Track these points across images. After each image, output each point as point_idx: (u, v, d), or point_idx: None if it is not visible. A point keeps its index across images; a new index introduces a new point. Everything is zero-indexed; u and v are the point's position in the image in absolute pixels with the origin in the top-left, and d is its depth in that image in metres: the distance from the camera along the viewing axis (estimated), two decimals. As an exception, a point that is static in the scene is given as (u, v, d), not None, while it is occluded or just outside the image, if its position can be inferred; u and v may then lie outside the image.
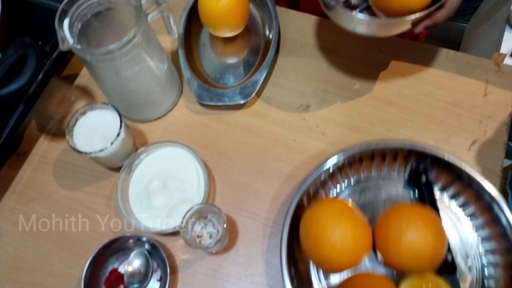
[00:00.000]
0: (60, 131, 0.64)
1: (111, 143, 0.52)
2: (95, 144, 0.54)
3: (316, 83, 0.65)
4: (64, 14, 0.50)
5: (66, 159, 0.62)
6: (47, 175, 0.62)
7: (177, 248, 0.55)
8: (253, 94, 0.61)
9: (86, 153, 0.52)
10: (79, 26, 0.52)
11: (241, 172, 0.60)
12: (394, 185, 0.56)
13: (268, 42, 0.67)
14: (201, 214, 0.52)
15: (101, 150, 0.52)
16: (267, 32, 0.68)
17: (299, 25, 0.69)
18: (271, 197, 0.58)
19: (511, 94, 0.61)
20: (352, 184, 0.56)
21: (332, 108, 0.63)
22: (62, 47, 0.48)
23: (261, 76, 0.62)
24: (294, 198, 0.51)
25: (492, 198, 0.49)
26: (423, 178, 0.53)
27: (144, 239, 0.53)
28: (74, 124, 0.55)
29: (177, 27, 0.66)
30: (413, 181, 0.55)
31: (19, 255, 0.57)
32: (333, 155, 0.53)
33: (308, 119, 0.63)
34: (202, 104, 0.64)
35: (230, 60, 0.68)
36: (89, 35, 0.54)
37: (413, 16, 0.48)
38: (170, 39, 0.70)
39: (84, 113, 0.55)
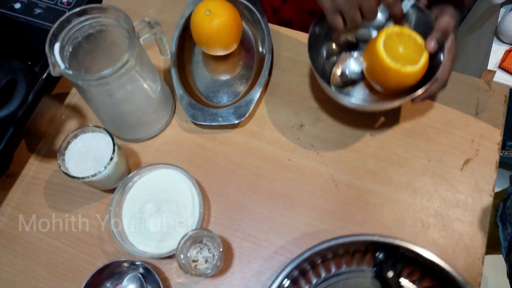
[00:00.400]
0: (51, 152, 0.63)
1: (105, 168, 0.51)
2: (87, 168, 0.53)
3: (310, 101, 0.65)
4: (54, 38, 0.49)
5: (57, 180, 0.61)
6: (38, 196, 0.60)
7: (172, 271, 0.55)
8: (247, 114, 0.61)
9: (78, 178, 0.51)
10: (70, 49, 0.52)
11: (236, 192, 0.60)
12: (364, 280, 0.53)
13: (261, 59, 0.66)
14: (196, 238, 0.51)
15: (94, 175, 0.51)
16: (261, 49, 0.68)
17: (292, 43, 0.69)
18: (266, 218, 0.58)
19: (502, 113, 0.62)
20: (322, 281, 0.53)
21: (326, 127, 0.63)
22: (53, 72, 0.48)
23: (255, 95, 0.62)
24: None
25: None
26: (389, 274, 0.50)
27: (138, 263, 0.52)
28: (66, 148, 0.54)
29: (169, 45, 0.65)
30: (379, 276, 0.52)
31: (9, 280, 0.56)
32: (295, 258, 0.49)
33: (303, 138, 0.62)
34: (195, 123, 0.63)
35: (224, 77, 0.68)
36: (80, 57, 0.53)
37: (408, 98, 0.50)
38: (163, 57, 0.69)
39: (76, 136, 0.54)
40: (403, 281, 0.52)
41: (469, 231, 0.56)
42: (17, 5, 0.65)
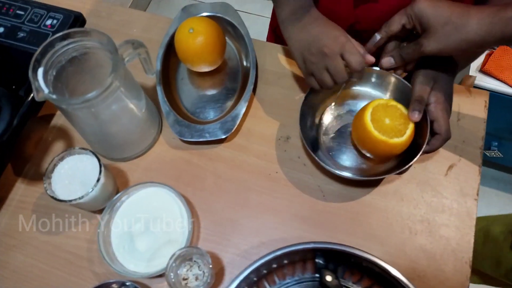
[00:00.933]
0: (37, 174, 0.63)
1: (92, 189, 0.51)
2: (74, 191, 0.53)
3: (296, 113, 0.65)
4: (38, 63, 0.49)
5: (44, 202, 0.61)
6: (25, 221, 0.60)
7: (163, 290, 0.55)
8: (234, 128, 0.62)
9: (65, 201, 0.51)
10: (54, 73, 0.52)
11: (225, 207, 0.60)
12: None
13: (246, 74, 0.67)
14: (185, 256, 0.51)
15: (81, 197, 0.51)
16: (245, 64, 0.69)
17: (276, 57, 0.70)
18: (257, 232, 0.58)
19: (483, 118, 0.63)
20: None
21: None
22: (37, 97, 0.48)
23: (241, 109, 0.63)
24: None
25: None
26: (328, 278, 0.51)
27: (128, 283, 0.52)
28: (52, 171, 0.54)
29: (154, 63, 0.66)
30: (321, 281, 0.52)
31: (-2, 307, 0.55)
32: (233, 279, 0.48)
33: (289, 150, 0.63)
34: (182, 140, 0.64)
35: (209, 93, 0.69)
36: (64, 80, 0.53)
37: (393, 173, 0.55)
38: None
39: (62, 158, 0.54)
40: (346, 283, 0.53)
41: (455, 236, 0.56)
42: (0, 29, 0.66)
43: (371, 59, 0.54)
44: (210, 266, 0.49)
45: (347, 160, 0.61)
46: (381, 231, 0.57)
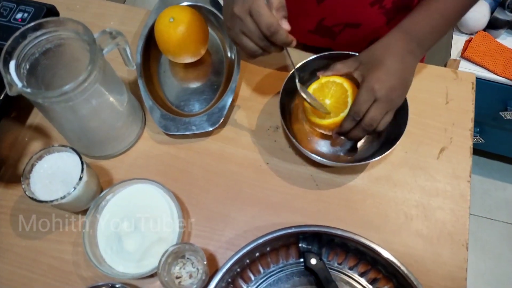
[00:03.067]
0: (14, 177, 0.60)
1: (74, 188, 0.48)
2: (55, 191, 0.50)
3: (283, 103, 0.64)
4: (9, 56, 0.46)
5: (24, 206, 0.58)
6: (4, 226, 0.56)
7: (154, 291, 0.52)
8: (221, 120, 0.59)
9: (46, 201, 0.48)
10: (27, 66, 0.49)
11: (216, 201, 0.58)
12: (295, 275, 0.52)
13: (231, 64, 0.65)
14: (178, 254, 0.49)
15: (63, 197, 0.48)
16: (229, 54, 0.67)
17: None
18: (249, 225, 0.56)
19: (471, 100, 0.63)
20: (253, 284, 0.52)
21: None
22: (10, 92, 0.45)
23: (227, 101, 0.60)
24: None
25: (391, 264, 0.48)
26: (312, 261, 0.50)
27: (118, 285, 0.49)
28: (30, 171, 0.50)
29: (134, 56, 0.63)
30: (306, 265, 0.51)
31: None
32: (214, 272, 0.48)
33: (279, 140, 0.61)
34: (168, 134, 0.61)
35: (194, 85, 0.66)
36: (39, 74, 0.50)
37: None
38: (128, 69, 0.67)
39: (40, 157, 0.51)
40: (332, 265, 0.53)
41: (451, 219, 0.56)
42: (-34, 25, 0.62)
43: (286, 26, 0.47)
44: (205, 262, 0.47)
45: (327, 147, 0.60)
46: (377, 217, 0.56)
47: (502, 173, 1.55)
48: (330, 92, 0.53)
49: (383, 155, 0.53)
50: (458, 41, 1.17)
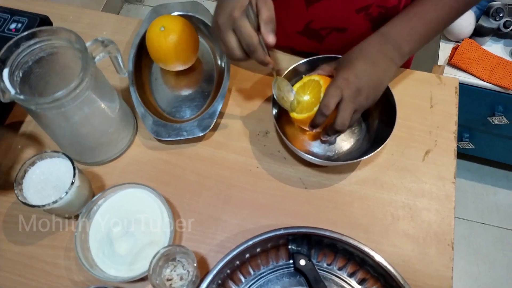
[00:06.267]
0: (7, 183, 0.60)
1: (66, 193, 0.49)
2: (47, 196, 0.51)
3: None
4: (2, 63, 0.47)
5: (16, 212, 0.58)
6: (-3, 232, 0.57)
7: (146, 294, 0.53)
8: (212, 125, 0.61)
9: (39, 206, 0.49)
10: (21, 74, 0.50)
11: (207, 205, 0.59)
12: (285, 276, 0.53)
13: (221, 71, 0.67)
14: (168, 256, 0.50)
15: (55, 202, 0.49)
16: (219, 62, 0.68)
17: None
18: (239, 227, 0.57)
19: (455, 104, 0.65)
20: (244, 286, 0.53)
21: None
22: (3, 99, 0.46)
23: (217, 106, 0.62)
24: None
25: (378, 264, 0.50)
26: (302, 262, 0.52)
27: (110, 289, 0.50)
28: (23, 177, 0.51)
29: (126, 64, 0.64)
30: (295, 266, 0.53)
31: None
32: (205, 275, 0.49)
33: (269, 145, 0.63)
34: (159, 140, 0.62)
35: (185, 92, 0.68)
36: (32, 82, 0.52)
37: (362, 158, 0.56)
38: (120, 77, 0.68)
39: (33, 163, 0.52)
40: (321, 265, 0.54)
41: (436, 219, 0.57)
42: (-39, 35, 0.63)
43: (271, 40, 0.48)
44: (195, 264, 0.48)
45: (317, 148, 0.62)
46: (364, 218, 0.57)
47: (493, 177, 1.57)
48: (309, 89, 0.56)
49: (370, 155, 0.55)
50: (445, 48, 1.20)
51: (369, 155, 0.54)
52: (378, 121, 0.61)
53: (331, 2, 0.59)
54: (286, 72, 0.60)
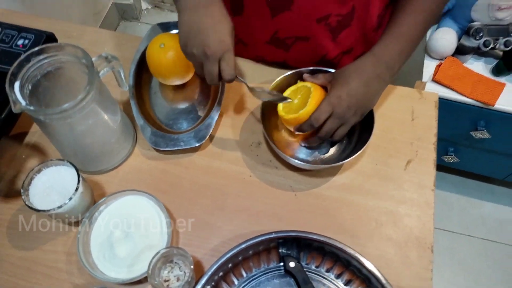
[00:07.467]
0: (11, 191, 0.63)
1: (70, 199, 0.52)
2: (52, 202, 0.54)
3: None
4: (14, 77, 0.51)
5: (19, 219, 0.61)
6: (1, 238, 0.59)
7: (144, 296, 0.56)
8: (207, 136, 0.65)
9: (44, 210, 0.52)
10: (30, 87, 0.53)
11: (203, 212, 0.62)
12: (276, 278, 0.57)
13: (216, 87, 0.71)
14: (167, 258, 0.53)
15: (60, 207, 0.52)
16: (214, 77, 0.73)
17: (244, 70, 0.75)
18: (233, 232, 0.60)
19: (434, 117, 0.70)
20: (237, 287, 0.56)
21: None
22: (15, 109, 0.49)
23: (213, 118, 0.66)
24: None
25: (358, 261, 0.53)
26: (291, 264, 0.55)
27: (110, 291, 0.53)
28: (29, 183, 0.54)
29: (127, 79, 0.68)
30: (285, 268, 0.56)
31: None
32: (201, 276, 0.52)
33: (261, 155, 0.67)
34: (158, 150, 0.66)
35: (182, 105, 0.72)
36: (39, 94, 0.55)
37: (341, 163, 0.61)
38: (121, 90, 0.72)
39: (39, 171, 0.55)
40: (309, 267, 0.57)
41: (417, 224, 0.61)
42: (-30, 50, 0.66)
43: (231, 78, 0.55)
44: (192, 266, 0.51)
45: (304, 155, 0.66)
46: (351, 223, 0.61)
47: (478, 191, 1.61)
48: (301, 94, 0.62)
49: (351, 158, 0.59)
50: (429, 66, 1.26)
51: (351, 158, 0.59)
52: (359, 130, 0.65)
53: (293, 13, 0.64)
54: (274, 83, 0.65)
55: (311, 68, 0.65)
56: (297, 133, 0.62)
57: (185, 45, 0.56)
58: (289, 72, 0.66)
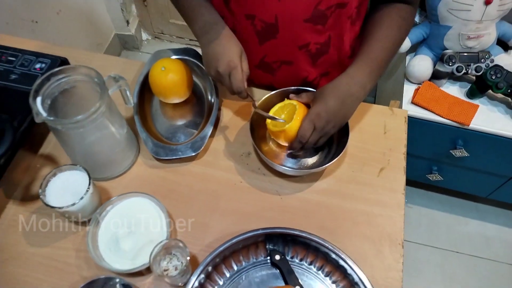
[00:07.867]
0: (27, 196, 0.70)
1: (81, 198, 0.60)
2: (65, 201, 0.61)
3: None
4: (36, 93, 0.59)
5: (33, 220, 0.68)
6: (17, 236, 0.66)
7: (145, 286, 0.62)
8: (203, 147, 0.73)
9: (59, 207, 0.59)
10: (49, 102, 0.62)
11: (198, 214, 0.69)
12: (263, 270, 0.64)
13: (210, 104, 0.80)
14: (167, 250, 0.60)
15: (73, 204, 0.59)
16: (210, 98, 0.82)
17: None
18: (225, 231, 0.67)
19: (404, 130, 0.79)
20: (228, 278, 0.63)
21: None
22: (37, 119, 0.58)
23: (207, 132, 0.74)
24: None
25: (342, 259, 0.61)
26: (277, 257, 0.62)
27: (117, 280, 0.59)
28: (46, 185, 0.62)
29: (132, 97, 0.77)
30: (272, 261, 0.63)
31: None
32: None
33: (251, 163, 0.75)
34: (158, 160, 0.74)
35: (180, 122, 0.80)
36: (56, 109, 0.63)
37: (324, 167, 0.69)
38: (126, 107, 0.81)
39: (54, 174, 0.63)
40: (294, 261, 0.64)
41: (389, 223, 0.69)
42: (-6, 73, 0.75)
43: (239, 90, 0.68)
44: (188, 258, 0.58)
45: (289, 163, 0.75)
46: (330, 223, 0.69)
47: (463, 208, 1.67)
48: (286, 110, 0.71)
49: (331, 163, 0.67)
50: (408, 90, 1.36)
51: (331, 163, 0.67)
52: (337, 140, 0.74)
53: (279, 41, 0.74)
54: (260, 101, 0.74)
55: (295, 88, 0.75)
56: (286, 145, 0.71)
57: (208, 69, 0.70)
58: (277, 91, 0.75)
